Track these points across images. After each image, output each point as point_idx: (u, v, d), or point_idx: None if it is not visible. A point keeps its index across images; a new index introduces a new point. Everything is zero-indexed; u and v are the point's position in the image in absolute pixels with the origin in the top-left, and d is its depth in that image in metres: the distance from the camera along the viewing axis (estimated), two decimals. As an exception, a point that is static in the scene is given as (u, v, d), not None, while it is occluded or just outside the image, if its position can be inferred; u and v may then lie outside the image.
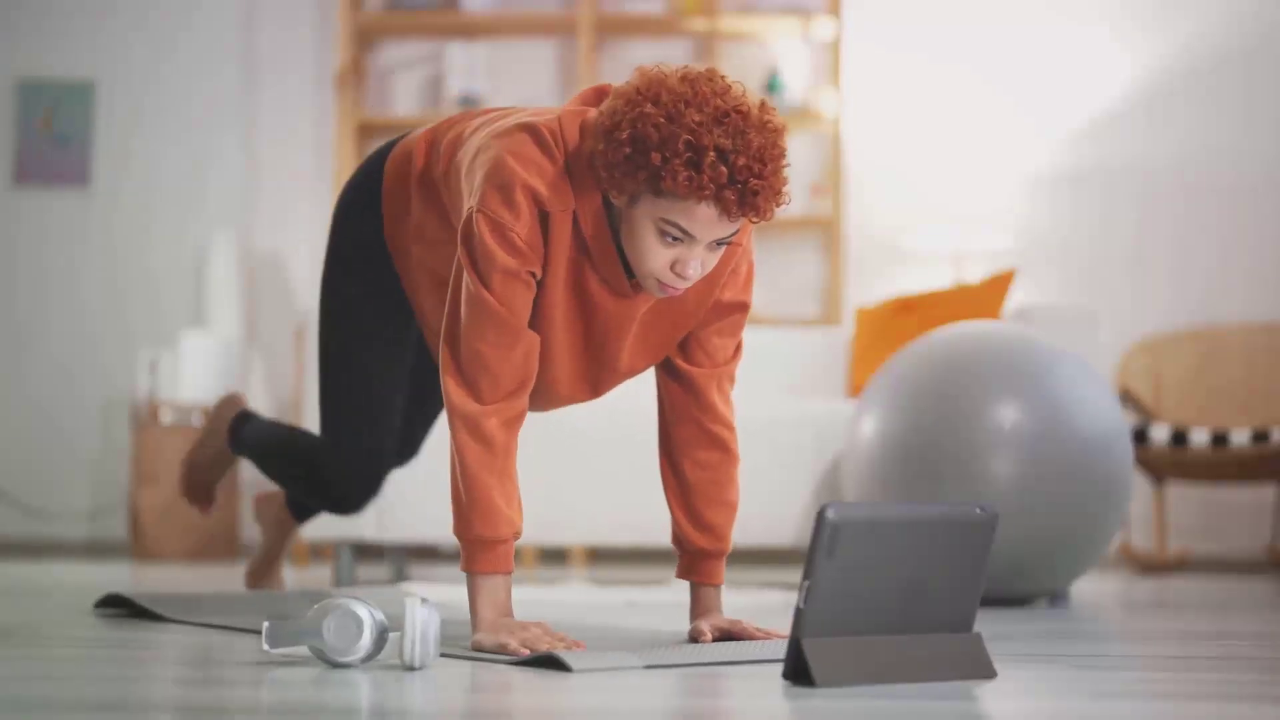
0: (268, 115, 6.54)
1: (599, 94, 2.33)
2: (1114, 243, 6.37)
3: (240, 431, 3.14)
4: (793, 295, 6.45)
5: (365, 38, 6.53)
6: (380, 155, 2.65)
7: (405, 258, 2.59)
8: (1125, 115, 6.40)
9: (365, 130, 6.48)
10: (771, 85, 6.35)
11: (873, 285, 6.35)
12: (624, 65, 6.37)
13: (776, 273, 6.45)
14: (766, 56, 6.48)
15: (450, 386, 2.26)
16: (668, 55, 6.42)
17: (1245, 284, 6.31)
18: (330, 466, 2.81)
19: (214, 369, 5.98)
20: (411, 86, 6.57)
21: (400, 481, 4.15)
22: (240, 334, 6.23)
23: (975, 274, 6.22)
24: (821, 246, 6.44)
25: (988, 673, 2.05)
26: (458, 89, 6.41)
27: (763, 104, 2.17)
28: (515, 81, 6.49)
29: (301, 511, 3.25)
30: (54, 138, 6.50)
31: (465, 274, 2.25)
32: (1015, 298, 5.81)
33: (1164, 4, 6.40)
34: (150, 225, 6.47)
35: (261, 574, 3.35)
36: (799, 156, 6.46)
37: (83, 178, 6.49)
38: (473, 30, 6.50)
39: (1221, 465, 5.66)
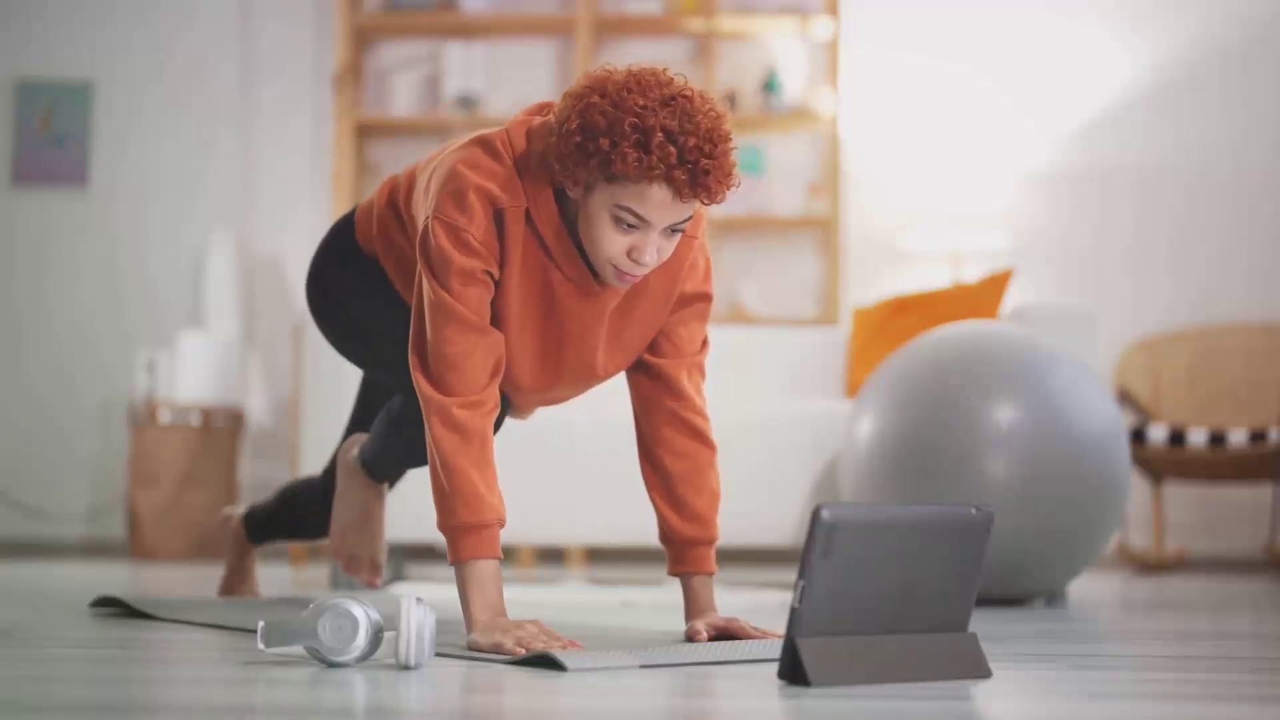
0: (266, 115, 6.54)
1: (542, 108, 2.41)
2: (1112, 242, 6.38)
3: (249, 521, 3.17)
4: (790, 295, 6.45)
5: (363, 38, 6.53)
6: (345, 216, 2.72)
7: (389, 263, 2.63)
8: (1123, 115, 6.40)
9: (363, 130, 6.48)
10: (769, 85, 6.35)
11: (870, 285, 6.35)
12: (622, 65, 6.37)
13: (774, 272, 6.45)
14: (764, 56, 6.48)
15: (421, 383, 2.31)
16: (666, 55, 6.42)
17: (1243, 284, 6.31)
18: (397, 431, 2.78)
19: (212, 369, 5.98)
20: (409, 86, 6.57)
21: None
22: (238, 334, 6.22)
23: (973, 274, 6.22)
24: (819, 246, 6.44)
25: (983, 672, 2.05)
26: (456, 89, 6.41)
27: (703, 93, 2.23)
28: (513, 82, 6.49)
29: (256, 533, 3.22)
30: (52, 138, 6.50)
31: (425, 281, 2.30)
32: (1013, 297, 5.81)
33: (1163, 4, 6.41)
34: (148, 225, 6.47)
35: (234, 587, 3.34)
36: (797, 156, 6.46)
37: (81, 178, 6.49)
38: (471, 30, 6.50)
39: (1219, 465, 5.66)
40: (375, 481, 2.96)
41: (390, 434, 2.81)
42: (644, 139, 2.15)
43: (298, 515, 3.13)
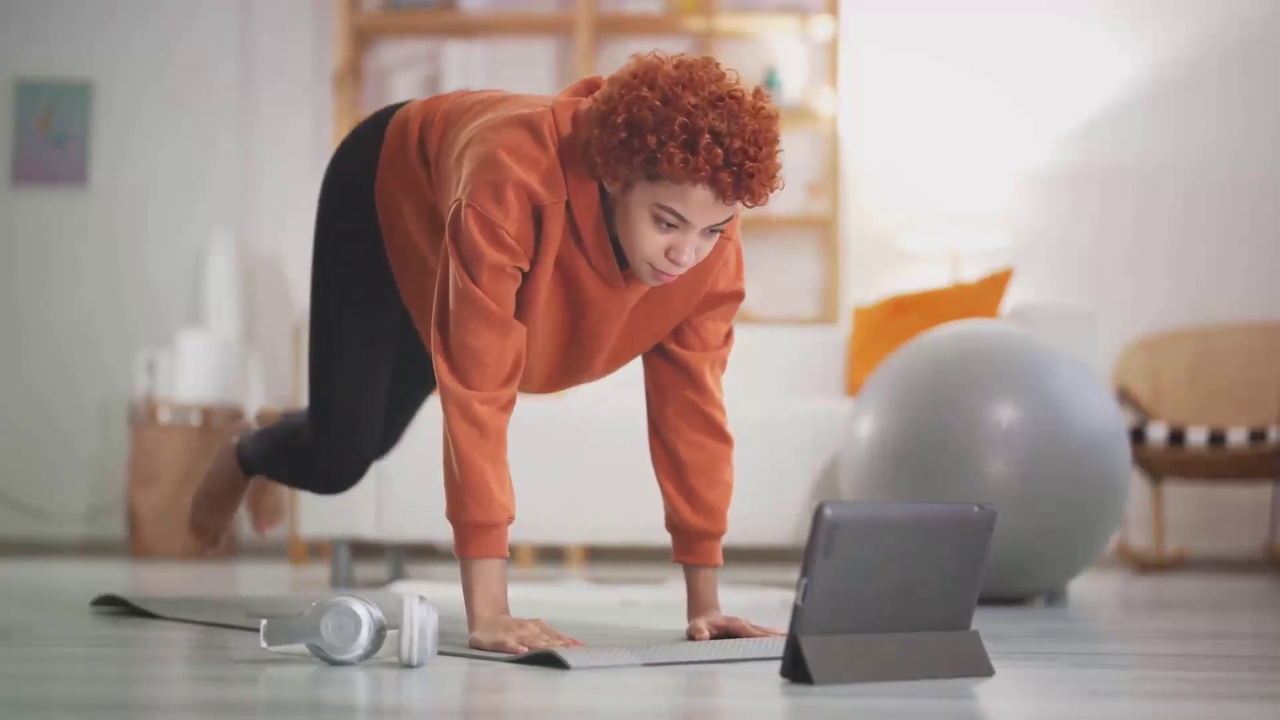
0: (266, 115, 6.54)
1: (590, 86, 2.34)
2: (1112, 242, 6.38)
3: (245, 447, 3.08)
4: (790, 294, 6.45)
5: (363, 37, 6.53)
6: (379, 121, 2.60)
7: (394, 216, 2.55)
8: (1123, 114, 6.40)
9: (363, 130, 6.48)
10: (769, 84, 6.35)
11: (870, 284, 6.35)
12: (622, 65, 6.37)
13: (774, 272, 6.45)
14: (764, 56, 6.48)
15: (441, 368, 2.28)
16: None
17: (1243, 283, 6.31)
18: (316, 451, 2.78)
19: (212, 369, 5.98)
20: (409, 86, 6.57)
21: (397, 480, 4.15)
22: (238, 334, 6.22)
23: (973, 273, 6.22)
24: (819, 246, 6.44)
25: (985, 671, 2.05)
26: (455, 88, 6.41)
27: (757, 90, 2.18)
28: (513, 81, 6.49)
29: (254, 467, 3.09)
30: (52, 138, 6.50)
31: (452, 265, 2.26)
32: (1013, 297, 5.82)
33: (1163, 4, 6.41)
34: (148, 225, 6.47)
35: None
36: (797, 156, 6.46)
37: (81, 178, 6.49)
38: (470, 30, 6.50)
39: (1219, 464, 5.66)
40: (245, 474, 3.05)
41: (287, 460, 2.88)
42: (692, 140, 2.10)
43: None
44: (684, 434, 2.44)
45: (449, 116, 2.44)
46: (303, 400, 4.33)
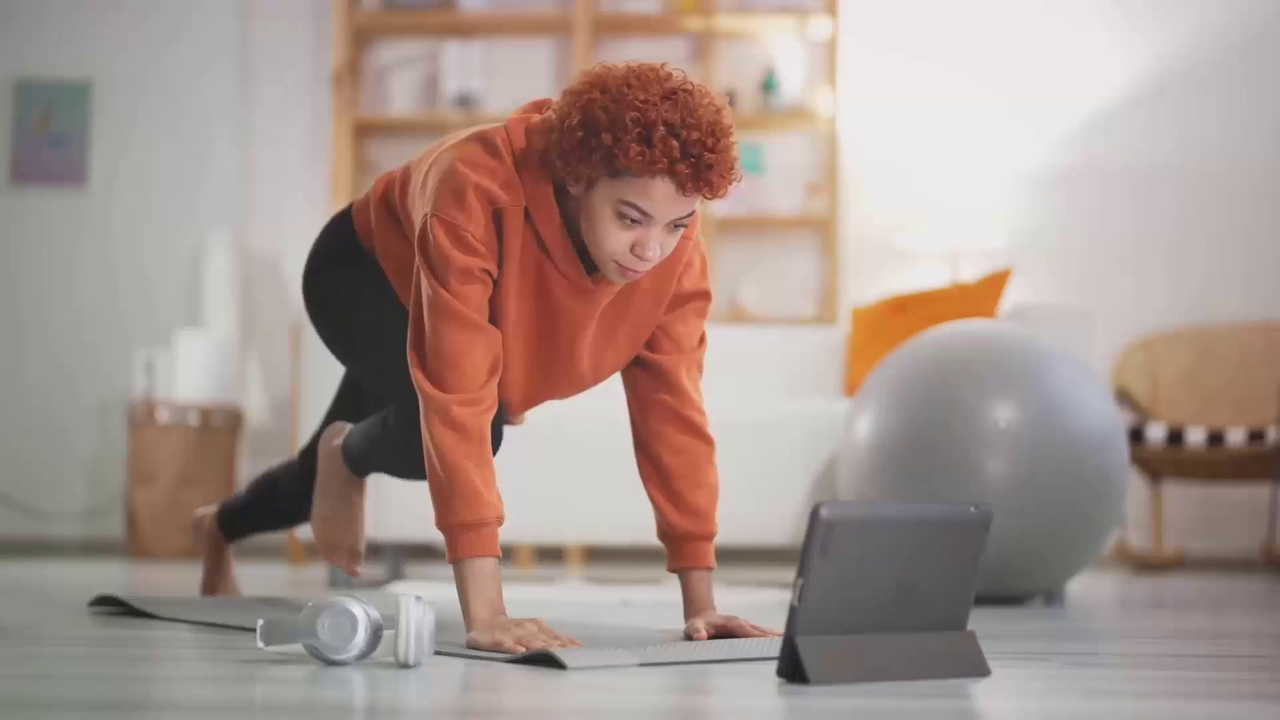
0: (264, 115, 6.54)
1: (540, 105, 2.40)
2: (1110, 242, 6.38)
3: (223, 519, 3.08)
4: (789, 294, 6.45)
5: (362, 37, 6.53)
6: (343, 211, 2.69)
7: (386, 260, 2.59)
8: (1122, 114, 6.40)
9: (362, 129, 6.48)
10: (768, 84, 6.36)
11: (869, 284, 6.35)
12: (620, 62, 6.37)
13: (773, 272, 6.45)
14: (763, 56, 6.48)
15: (419, 378, 2.30)
16: (664, 54, 6.38)
17: (1241, 283, 6.31)
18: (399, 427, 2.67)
19: (210, 368, 5.98)
20: (408, 86, 6.57)
21: (395, 480, 4.15)
22: (236, 333, 6.23)
23: (971, 273, 6.22)
24: (818, 246, 6.44)
25: (982, 671, 2.05)
26: (454, 88, 6.41)
27: (702, 87, 2.23)
28: (511, 81, 6.49)
29: (231, 530, 3.14)
30: (51, 137, 6.50)
31: (423, 278, 2.30)
32: (1011, 297, 5.82)
33: (1161, 3, 6.41)
34: (147, 225, 6.47)
35: (214, 586, 3.20)
36: (795, 156, 6.46)
37: (79, 177, 6.49)
38: (469, 29, 6.50)
39: (1217, 464, 5.66)
40: (356, 475, 2.91)
41: (382, 441, 2.76)
42: (646, 133, 2.15)
43: (276, 505, 3.04)
44: (665, 438, 2.46)
45: (408, 168, 2.50)
46: (302, 400, 4.33)
